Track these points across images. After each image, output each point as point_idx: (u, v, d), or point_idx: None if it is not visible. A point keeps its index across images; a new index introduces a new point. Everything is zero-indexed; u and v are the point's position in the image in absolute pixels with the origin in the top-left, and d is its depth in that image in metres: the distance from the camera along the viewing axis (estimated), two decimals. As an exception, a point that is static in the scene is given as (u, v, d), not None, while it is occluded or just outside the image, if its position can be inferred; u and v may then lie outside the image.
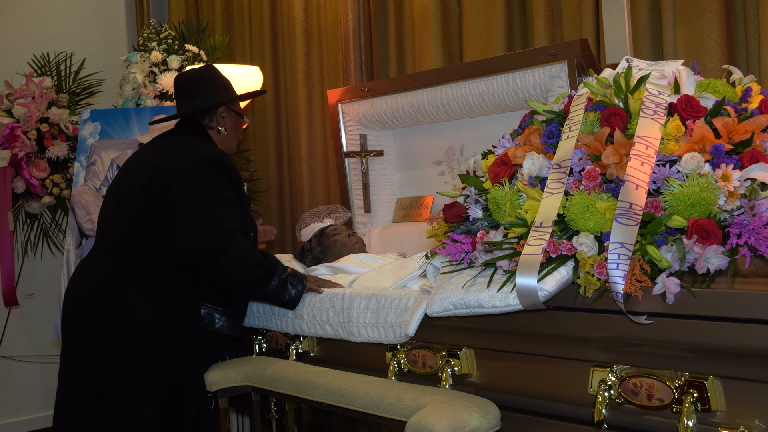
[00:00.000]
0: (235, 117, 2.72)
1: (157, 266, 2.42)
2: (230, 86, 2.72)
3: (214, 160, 2.46)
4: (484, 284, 1.84)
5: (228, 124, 2.69)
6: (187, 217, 2.38)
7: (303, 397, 2.26)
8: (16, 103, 4.18)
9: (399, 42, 3.95)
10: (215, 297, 2.49)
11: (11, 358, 4.66)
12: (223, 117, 2.68)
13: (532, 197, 1.80)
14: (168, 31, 4.11)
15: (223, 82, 2.71)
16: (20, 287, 4.47)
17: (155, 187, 2.43)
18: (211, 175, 2.43)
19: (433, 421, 1.77)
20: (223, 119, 2.67)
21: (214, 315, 2.49)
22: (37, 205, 4.29)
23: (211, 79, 2.69)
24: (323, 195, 4.34)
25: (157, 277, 2.42)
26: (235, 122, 2.73)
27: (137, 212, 2.44)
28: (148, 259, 2.43)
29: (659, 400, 1.62)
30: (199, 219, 2.37)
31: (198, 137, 2.60)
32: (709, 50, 2.80)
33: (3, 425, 4.73)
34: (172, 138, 2.63)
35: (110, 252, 2.48)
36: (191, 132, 2.63)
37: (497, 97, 2.95)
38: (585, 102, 1.84)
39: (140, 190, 2.46)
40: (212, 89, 2.65)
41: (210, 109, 2.65)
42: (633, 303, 1.60)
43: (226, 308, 2.52)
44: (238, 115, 2.73)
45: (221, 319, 2.50)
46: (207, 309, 2.48)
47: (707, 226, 1.55)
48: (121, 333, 2.37)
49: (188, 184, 2.41)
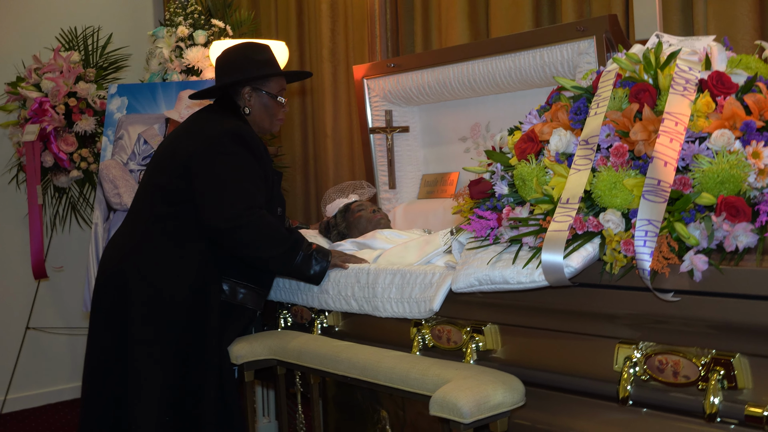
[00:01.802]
0: (264, 97, 2.63)
1: (176, 237, 2.46)
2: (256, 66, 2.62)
3: (234, 134, 2.46)
4: (509, 260, 1.84)
5: (254, 105, 2.63)
6: (211, 191, 2.40)
7: (328, 371, 2.28)
8: (44, 77, 4.22)
9: (425, 17, 3.92)
10: (238, 270, 2.52)
11: (40, 329, 4.74)
12: (249, 97, 2.62)
13: (559, 174, 1.79)
14: (194, 6, 4.11)
15: (250, 61, 2.63)
16: (49, 260, 4.54)
17: (178, 160, 2.48)
18: (233, 150, 2.44)
19: (457, 395, 1.78)
20: (249, 99, 2.62)
21: (237, 288, 2.52)
22: (66, 179, 4.33)
23: (238, 58, 2.64)
24: (348, 171, 4.35)
25: (176, 247, 2.46)
26: (265, 103, 2.63)
27: (161, 184, 2.50)
28: (169, 230, 2.47)
29: (685, 378, 1.62)
30: (223, 194, 2.39)
31: (230, 112, 2.60)
32: (741, 26, 2.75)
33: (33, 396, 4.82)
34: (203, 114, 2.64)
35: (136, 222, 2.55)
36: (224, 110, 2.62)
37: (524, 74, 2.93)
38: (614, 78, 1.83)
39: (166, 163, 2.52)
40: (237, 68, 2.62)
41: (236, 89, 2.62)
42: (660, 280, 1.59)
43: (249, 281, 2.55)
44: (270, 96, 2.63)
45: (243, 292, 2.53)
46: (229, 282, 2.51)
47: (736, 203, 1.53)
48: (138, 300, 2.42)
49: (210, 158, 2.43)
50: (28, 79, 4.31)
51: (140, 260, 2.46)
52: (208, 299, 2.45)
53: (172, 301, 2.42)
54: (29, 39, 4.70)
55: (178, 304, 2.42)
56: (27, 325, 4.59)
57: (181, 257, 2.45)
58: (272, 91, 2.64)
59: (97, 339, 2.51)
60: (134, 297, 2.42)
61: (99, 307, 2.53)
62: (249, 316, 2.62)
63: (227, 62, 2.65)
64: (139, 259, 2.46)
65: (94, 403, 2.48)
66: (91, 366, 2.52)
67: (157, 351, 2.39)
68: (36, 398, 4.85)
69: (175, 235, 2.47)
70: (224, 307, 2.51)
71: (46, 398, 4.88)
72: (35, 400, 4.84)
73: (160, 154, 2.60)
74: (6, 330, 4.69)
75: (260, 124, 2.65)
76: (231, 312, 2.53)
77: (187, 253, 2.46)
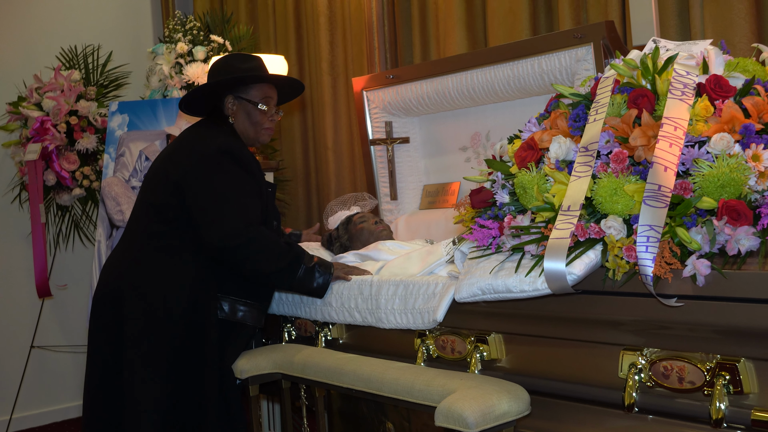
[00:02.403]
0: (247, 106, 2.60)
1: (171, 253, 2.47)
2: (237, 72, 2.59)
3: (224, 151, 2.46)
4: (511, 269, 1.84)
5: (237, 114, 2.61)
6: (209, 210, 2.41)
7: (333, 384, 2.28)
8: (45, 96, 4.23)
9: (423, 28, 3.94)
10: (237, 286, 2.52)
11: (45, 348, 4.74)
12: (233, 105, 2.61)
13: (560, 181, 1.79)
14: (193, 23, 4.13)
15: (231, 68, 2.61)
16: (53, 278, 4.54)
17: (171, 178, 2.48)
18: (227, 168, 2.44)
19: (462, 405, 1.77)
20: (232, 108, 2.61)
21: (236, 305, 2.51)
22: (68, 197, 4.34)
23: (220, 66, 2.65)
24: (349, 183, 4.35)
25: (171, 264, 2.46)
26: (248, 111, 2.61)
27: (154, 202, 2.50)
28: (164, 246, 2.47)
29: (690, 383, 1.62)
30: (222, 212, 2.39)
31: (220, 127, 2.60)
32: (738, 29, 2.76)
33: (38, 414, 4.82)
34: (194, 129, 2.65)
35: (131, 240, 2.56)
36: (214, 122, 2.63)
37: (523, 82, 2.93)
38: (612, 84, 1.83)
39: (159, 179, 2.53)
40: (217, 75, 2.62)
41: (221, 98, 2.61)
42: (663, 285, 1.59)
43: (248, 298, 2.54)
44: (252, 104, 2.60)
45: (243, 310, 2.53)
46: (228, 299, 2.50)
47: (738, 206, 1.53)
48: (134, 316, 2.42)
49: (205, 177, 2.43)
50: (29, 98, 4.33)
51: (136, 277, 2.46)
52: (206, 315, 2.45)
53: (168, 318, 2.41)
54: (30, 58, 4.72)
55: (175, 320, 2.42)
56: (32, 344, 4.59)
57: (177, 273, 2.45)
58: (254, 98, 2.61)
59: (95, 357, 2.52)
60: (130, 314, 2.43)
61: (97, 325, 2.53)
62: (249, 333, 2.62)
63: (211, 72, 2.67)
64: (134, 276, 2.47)
65: (95, 422, 2.49)
66: (90, 384, 2.52)
67: (155, 368, 2.39)
68: (41, 417, 4.84)
69: (169, 251, 2.47)
70: (223, 325, 2.50)
71: (51, 417, 4.87)
72: (41, 418, 4.83)
73: (152, 172, 2.60)
74: (11, 349, 4.69)
75: (246, 134, 2.63)
76: (231, 329, 2.53)
77: (182, 270, 2.45)
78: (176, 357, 2.41)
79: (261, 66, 2.68)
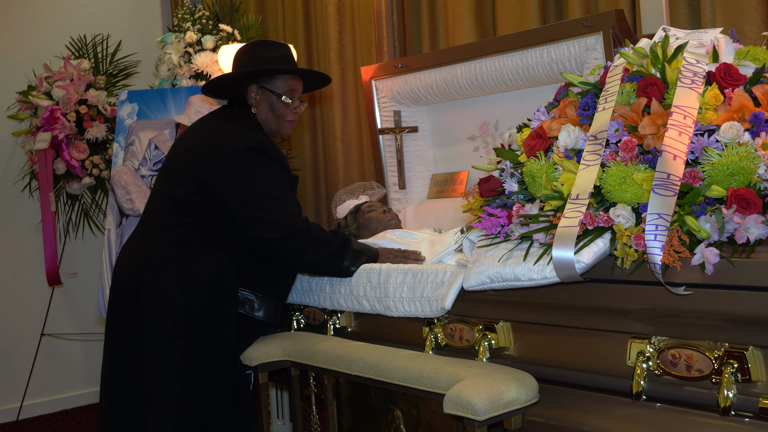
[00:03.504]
0: (270, 97, 2.57)
1: (191, 249, 2.46)
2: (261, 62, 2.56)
3: (253, 148, 2.43)
4: (520, 257, 1.84)
5: (260, 104, 2.58)
6: (251, 207, 2.39)
7: (341, 371, 2.29)
8: (55, 85, 4.25)
9: (432, 17, 3.93)
10: (256, 284, 2.53)
11: (55, 336, 4.77)
12: (256, 95, 2.58)
13: (568, 170, 1.79)
14: (202, 12, 4.13)
15: (256, 57, 2.58)
16: (63, 267, 4.57)
17: (198, 176, 2.45)
18: (260, 162, 2.43)
19: (471, 393, 1.78)
20: (255, 98, 2.58)
21: (254, 302, 2.52)
22: (78, 185, 4.36)
23: (245, 54, 2.61)
24: (358, 172, 4.36)
25: (190, 260, 2.45)
26: (271, 103, 2.58)
27: (178, 196, 2.48)
28: (184, 242, 2.47)
29: (698, 371, 1.62)
30: (264, 207, 2.39)
31: (242, 118, 2.57)
32: (748, 18, 2.74)
33: (48, 402, 4.86)
34: (215, 120, 2.60)
35: (150, 231, 2.54)
36: (236, 112, 2.59)
37: (532, 71, 2.92)
38: (621, 73, 1.83)
39: (184, 174, 2.49)
40: (242, 64, 2.59)
41: (245, 86, 2.58)
42: (671, 274, 1.59)
43: (266, 295, 2.55)
44: (276, 96, 2.57)
45: (261, 306, 2.54)
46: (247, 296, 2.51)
47: (747, 195, 1.53)
48: (151, 309, 2.42)
49: (238, 176, 2.41)
50: (39, 87, 4.34)
51: (155, 269, 2.45)
52: (224, 310, 2.46)
53: (187, 312, 2.41)
54: (39, 48, 4.74)
55: (194, 314, 2.41)
56: (42, 332, 4.62)
57: (197, 268, 2.45)
58: (278, 90, 2.58)
59: (113, 350, 2.52)
60: (149, 306, 2.42)
61: (115, 317, 2.53)
62: (263, 329, 2.63)
63: (236, 58, 2.63)
64: (154, 269, 2.46)
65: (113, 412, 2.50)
66: (108, 375, 2.53)
67: (174, 361, 2.39)
68: (52, 404, 4.88)
69: (190, 245, 2.46)
70: (240, 320, 2.51)
71: (61, 404, 4.91)
72: (51, 406, 4.87)
73: (175, 164, 2.56)
74: (21, 337, 4.73)
75: (267, 125, 2.61)
76: (247, 325, 2.54)
77: (202, 264, 2.45)
78: (196, 348, 2.41)
79: (288, 55, 2.64)
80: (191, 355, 2.41)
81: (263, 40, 2.70)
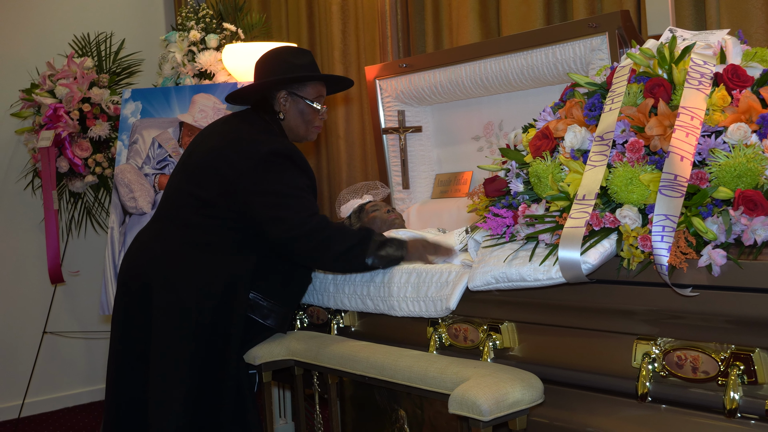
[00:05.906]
0: (300, 103, 2.59)
1: (206, 251, 2.45)
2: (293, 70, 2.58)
3: (279, 153, 2.43)
4: (525, 258, 1.84)
5: (289, 110, 2.59)
6: (273, 208, 2.38)
7: (345, 371, 2.28)
8: (58, 83, 4.24)
9: (436, 17, 3.93)
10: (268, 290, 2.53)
11: (57, 334, 4.77)
12: (285, 102, 2.59)
13: (575, 170, 1.79)
14: (206, 10, 4.13)
15: (287, 64, 2.58)
16: (65, 265, 4.57)
17: (225, 178, 2.43)
18: (282, 167, 2.42)
19: (476, 393, 1.78)
20: (284, 104, 2.59)
21: (264, 308, 2.52)
22: (81, 184, 4.36)
23: (276, 61, 2.61)
24: (361, 172, 4.35)
25: (204, 262, 2.44)
26: (301, 109, 2.60)
27: (202, 195, 2.46)
28: (200, 243, 2.46)
29: (704, 373, 1.62)
30: (286, 207, 2.38)
31: (267, 124, 2.57)
32: (754, 19, 2.74)
33: (50, 399, 4.86)
34: (239, 123, 2.59)
35: (166, 228, 2.53)
36: (261, 117, 2.59)
37: (536, 71, 2.92)
38: (628, 73, 1.83)
39: (208, 175, 2.48)
40: (273, 71, 2.58)
41: (273, 92, 2.59)
42: (678, 275, 1.59)
43: (277, 301, 2.55)
44: (306, 102, 2.59)
45: (271, 314, 2.54)
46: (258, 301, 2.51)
47: (754, 197, 1.53)
48: (161, 308, 2.41)
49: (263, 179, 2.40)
50: (42, 85, 4.34)
51: (168, 269, 2.44)
52: (234, 315, 2.45)
53: (198, 313, 2.40)
54: (43, 46, 4.74)
55: (204, 316, 2.40)
56: (44, 330, 4.62)
57: (211, 271, 2.43)
58: (308, 96, 2.60)
59: (119, 346, 2.51)
60: (159, 306, 2.42)
61: (122, 313, 2.52)
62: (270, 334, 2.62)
63: (265, 64, 2.62)
64: (167, 268, 2.45)
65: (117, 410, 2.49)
66: (113, 371, 2.52)
67: (181, 362, 2.38)
68: (53, 402, 4.88)
69: (207, 247, 2.45)
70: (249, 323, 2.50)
71: (63, 402, 4.91)
72: (53, 403, 4.87)
73: (196, 163, 2.55)
74: (24, 334, 4.73)
75: (295, 131, 2.62)
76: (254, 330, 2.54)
77: (217, 267, 2.44)
78: (203, 349, 2.40)
79: (314, 61, 2.66)
80: (199, 357, 2.40)
81: (289, 47, 2.71)
